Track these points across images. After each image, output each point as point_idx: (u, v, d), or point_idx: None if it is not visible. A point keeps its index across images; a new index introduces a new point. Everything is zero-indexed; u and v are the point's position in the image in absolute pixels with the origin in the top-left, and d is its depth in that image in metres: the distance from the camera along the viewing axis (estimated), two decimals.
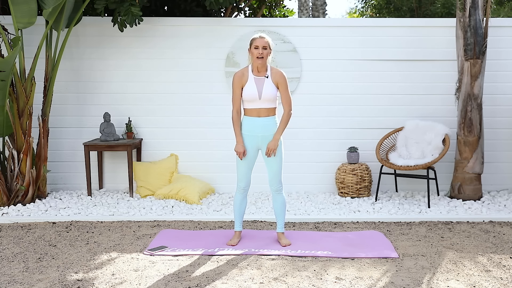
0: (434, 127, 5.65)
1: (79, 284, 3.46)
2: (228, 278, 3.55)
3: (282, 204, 4.24)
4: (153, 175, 5.86)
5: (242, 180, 4.20)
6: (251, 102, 4.10)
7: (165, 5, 7.34)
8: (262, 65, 4.07)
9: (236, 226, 4.32)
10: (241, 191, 4.23)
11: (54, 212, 5.19)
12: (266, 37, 4.07)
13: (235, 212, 4.30)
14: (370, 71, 6.04)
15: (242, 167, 4.18)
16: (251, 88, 4.06)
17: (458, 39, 5.59)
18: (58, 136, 6.08)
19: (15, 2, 5.23)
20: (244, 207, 4.30)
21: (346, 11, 20.20)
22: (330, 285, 3.44)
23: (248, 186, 4.24)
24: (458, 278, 3.55)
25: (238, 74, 4.12)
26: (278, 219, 4.28)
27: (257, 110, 4.10)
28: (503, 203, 5.46)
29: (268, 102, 4.10)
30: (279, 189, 4.20)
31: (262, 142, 4.15)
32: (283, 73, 4.15)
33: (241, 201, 4.27)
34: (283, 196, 4.24)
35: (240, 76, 4.11)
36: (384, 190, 6.07)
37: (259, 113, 4.11)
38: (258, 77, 4.10)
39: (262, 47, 4.02)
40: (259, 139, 4.14)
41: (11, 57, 4.99)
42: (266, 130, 4.12)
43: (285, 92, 4.14)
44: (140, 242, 4.36)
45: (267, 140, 4.13)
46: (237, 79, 4.11)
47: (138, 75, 6.08)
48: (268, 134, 4.13)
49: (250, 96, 4.07)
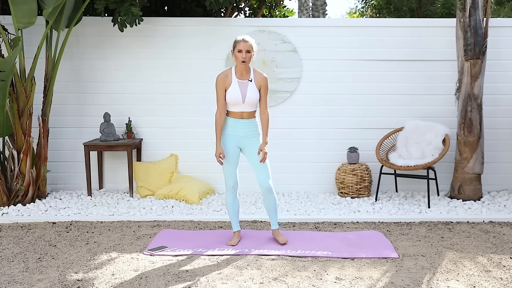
0: (434, 127, 5.65)
1: (79, 284, 3.46)
2: (228, 278, 3.55)
3: (274, 203, 4.30)
4: (153, 175, 5.86)
5: (229, 179, 4.22)
6: (234, 105, 4.12)
7: (165, 5, 7.34)
8: (246, 69, 4.09)
9: (234, 227, 4.33)
10: (230, 190, 4.25)
11: (54, 212, 5.19)
12: (249, 40, 4.05)
13: (229, 213, 4.32)
14: (370, 71, 6.04)
15: (228, 167, 4.20)
16: (234, 91, 4.08)
17: (458, 39, 5.59)
18: (58, 136, 6.08)
19: (15, 2, 5.24)
20: (238, 206, 4.32)
21: (346, 11, 20.21)
22: (330, 285, 3.44)
23: (236, 184, 4.25)
24: (458, 278, 3.55)
25: (221, 76, 4.13)
26: (272, 217, 4.33)
27: (240, 113, 4.14)
28: (503, 203, 5.46)
29: (251, 105, 4.13)
30: (270, 188, 4.22)
31: (244, 142, 4.19)
32: (266, 77, 4.18)
33: (233, 201, 4.28)
34: (274, 194, 4.28)
35: (223, 78, 4.11)
36: (384, 190, 6.07)
37: (242, 116, 4.14)
38: (241, 80, 4.11)
39: (246, 51, 4.03)
40: (241, 139, 4.18)
41: (11, 57, 4.99)
42: (248, 131, 4.17)
43: (265, 95, 4.17)
44: (140, 242, 4.36)
45: (249, 140, 4.17)
46: (220, 81, 4.11)
47: (138, 75, 6.08)
48: (250, 135, 4.17)
49: (233, 99, 4.09)
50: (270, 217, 4.34)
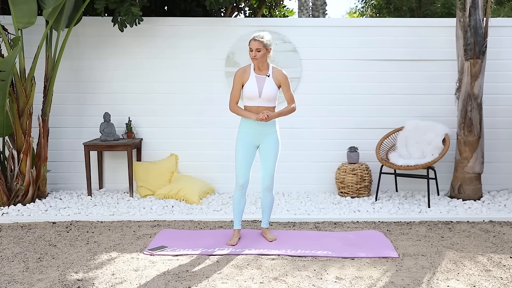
0: (434, 127, 5.65)
1: (79, 284, 3.46)
2: (228, 278, 3.55)
3: (271, 202, 4.33)
4: (153, 175, 5.86)
5: (240, 177, 4.21)
6: (251, 100, 4.13)
7: (165, 5, 7.34)
8: (258, 65, 4.11)
9: (235, 225, 4.34)
10: (239, 189, 4.25)
11: (54, 212, 5.19)
12: (260, 38, 4.03)
13: (234, 210, 4.32)
14: (370, 71, 6.04)
15: (241, 163, 4.20)
16: (252, 86, 4.10)
17: (458, 39, 5.59)
18: (58, 136, 6.08)
19: (15, 2, 5.24)
20: (243, 205, 4.32)
21: (346, 11, 20.20)
22: (330, 285, 3.44)
23: (246, 183, 4.24)
24: (458, 278, 3.55)
25: (240, 71, 4.18)
26: (264, 215, 4.37)
27: (256, 108, 4.14)
28: (503, 203, 5.46)
29: (268, 101, 4.14)
30: (270, 188, 4.24)
31: (260, 139, 4.19)
32: (285, 73, 4.19)
33: (239, 199, 4.28)
34: (273, 194, 4.32)
35: (241, 73, 4.16)
36: (384, 190, 6.07)
37: (258, 111, 4.13)
38: (259, 75, 4.13)
39: (256, 49, 4.03)
40: (257, 136, 4.18)
41: (11, 57, 4.99)
42: (264, 127, 4.16)
43: (288, 91, 4.21)
44: (140, 242, 4.36)
45: (266, 137, 4.18)
46: (238, 75, 4.16)
47: (138, 75, 6.08)
48: (266, 132, 4.17)
49: (250, 94, 4.10)
50: (263, 215, 4.38)
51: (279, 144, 4.24)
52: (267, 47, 4.07)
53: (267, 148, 4.19)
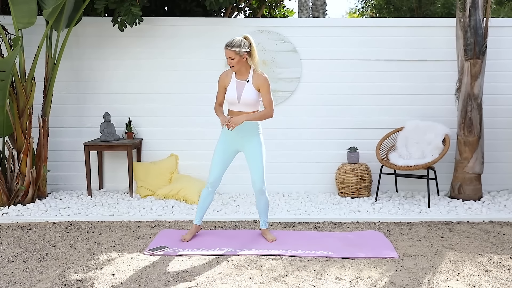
0: (434, 127, 5.65)
1: (79, 284, 3.46)
2: (228, 278, 3.55)
3: (266, 204, 4.33)
4: (153, 175, 5.86)
5: (212, 174, 4.25)
6: (232, 104, 4.17)
7: (165, 5, 7.34)
8: (236, 72, 4.12)
9: (195, 220, 4.39)
10: (208, 186, 4.28)
11: (54, 212, 5.19)
12: (231, 48, 4.00)
13: (198, 206, 4.37)
14: (370, 71, 6.04)
15: (216, 164, 4.24)
16: (231, 91, 4.13)
17: (458, 39, 5.59)
18: (58, 136, 6.08)
19: (15, 2, 5.23)
20: (209, 203, 4.35)
21: (346, 11, 20.21)
22: (330, 285, 3.44)
23: (216, 183, 4.27)
24: (458, 278, 3.55)
25: (223, 75, 4.22)
26: (262, 217, 4.38)
27: (237, 112, 4.16)
28: (503, 203, 5.46)
29: (248, 106, 4.14)
30: (262, 190, 4.22)
31: (242, 143, 4.20)
32: (266, 78, 4.15)
33: (206, 196, 4.32)
34: (266, 196, 4.30)
35: (224, 77, 4.21)
36: (384, 190, 6.07)
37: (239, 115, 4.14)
38: (239, 80, 4.14)
39: (229, 57, 4.04)
40: (239, 140, 4.19)
41: (11, 57, 4.99)
42: (245, 132, 4.17)
43: (266, 95, 4.14)
44: (140, 242, 4.36)
45: (248, 141, 4.18)
46: (221, 79, 4.22)
47: (138, 75, 6.08)
48: (248, 135, 4.18)
49: (230, 98, 4.14)
50: (260, 217, 4.39)
51: (262, 146, 4.22)
52: (240, 54, 4.03)
53: (252, 152, 4.18)
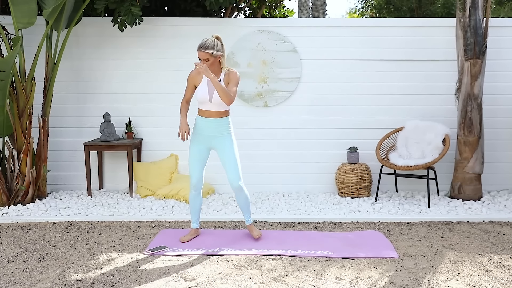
0: (434, 127, 5.65)
1: (79, 284, 3.46)
2: (228, 278, 3.55)
3: (246, 200, 4.30)
4: (153, 175, 5.86)
5: (193, 177, 4.25)
6: (203, 103, 4.15)
7: (165, 5, 7.34)
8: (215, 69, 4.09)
9: (192, 224, 4.39)
10: (192, 189, 4.28)
11: (54, 212, 5.19)
12: (206, 50, 3.97)
13: (190, 210, 4.37)
14: (370, 71, 6.04)
15: (194, 164, 4.23)
16: (203, 90, 4.11)
17: (458, 39, 5.59)
18: (58, 136, 6.08)
19: (15, 2, 5.23)
20: (199, 204, 4.35)
21: (346, 11, 20.20)
22: (330, 285, 3.44)
23: (199, 183, 4.27)
24: (458, 278, 3.55)
25: (193, 73, 4.19)
26: (245, 214, 4.36)
27: (208, 112, 4.16)
28: (503, 203, 5.46)
29: (219, 105, 4.13)
30: (240, 187, 4.21)
31: (213, 142, 4.20)
32: (236, 73, 4.15)
33: (194, 199, 4.32)
34: (245, 192, 4.27)
35: (195, 75, 4.17)
36: (384, 190, 6.07)
37: (210, 115, 4.16)
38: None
39: (204, 59, 4.01)
40: (210, 139, 4.19)
41: (11, 57, 4.99)
42: (217, 130, 4.17)
43: (233, 88, 4.08)
44: (140, 242, 4.36)
45: (219, 139, 4.18)
46: (191, 77, 4.19)
47: (138, 75, 6.08)
48: (218, 134, 4.17)
49: (201, 98, 4.12)
50: (243, 214, 4.37)
51: (234, 144, 4.22)
52: (215, 55, 4.02)
53: (225, 150, 4.18)
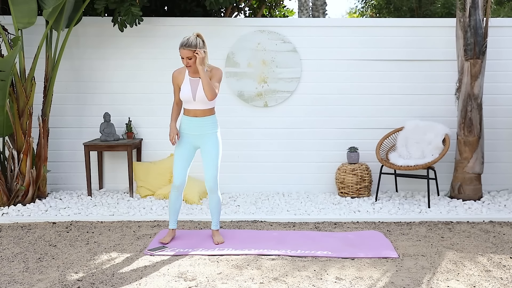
0: (434, 127, 5.65)
1: (79, 284, 3.46)
2: (228, 278, 3.55)
3: (217, 203, 4.27)
4: (153, 175, 5.86)
5: (176, 178, 4.20)
6: (187, 103, 4.13)
7: (165, 5, 7.34)
8: (193, 71, 4.07)
9: (170, 224, 4.34)
10: (174, 189, 4.23)
11: (54, 212, 5.19)
12: (189, 48, 3.93)
13: (169, 210, 4.32)
14: (370, 71, 6.04)
15: (177, 164, 4.19)
16: (186, 89, 4.08)
17: (458, 39, 5.59)
18: (58, 136, 6.08)
19: (15, 2, 5.24)
20: (179, 206, 4.30)
21: (346, 11, 20.20)
22: (330, 285, 3.44)
23: (182, 184, 4.22)
24: (458, 278, 3.55)
25: (175, 73, 4.17)
26: (213, 217, 4.31)
27: (193, 110, 4.13)
28: (503, 203, 5.46)
29: (204, 103, 4.10)
30: (214, 189, 4.19)
31: (199, 141, 4.17)
32: (219, 69, 4.15)
33: (175, 200, 4.26)
34: (218, 195, 4.25)
35: (177, 75, 4.16)
36: (384, 190, 6.07)
37: (195, 114, 4.13)
38: (193, 78, 4.09)
39: (187, 57, 3.98)
40: (196, 138, 4.17)
41: (11, 57, 4.99)
42: (202, 129, 4.15)
43: (215, 83, 4.08)
44: (140, 242, 4.36)
45: (205, 139, 4.15)
46: (174, 77, 4.17)
47: (138, 75, 6.08)
48: (205, 133, 4.15)
49: (185, 97, 4.09)
50: (212, 217, 4.32)
51: (219, 145, 4.19)
52: (199, 52, 3.97)
53: (207, 150, 4.16)
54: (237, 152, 6.10)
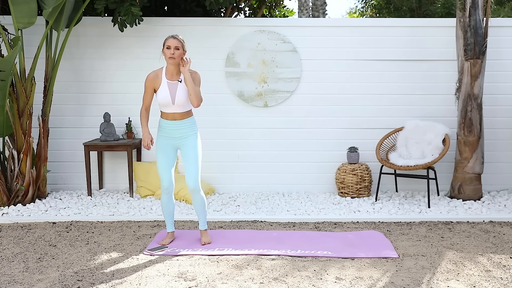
0: (434, 127, 5.65)
1: (79, 284, 3.46)
2: (228, 278, 3.55)
3: (202, 203, 4.23)
4: (153, 175, 5.86)
5: (163, 180, 4.18)
6: (165, 106, 4.10)
7: (165, 5, 7.34)
8: (174, 65, 4.03)
9: (168, 228, 4.32)
10: (164, 192, 4.21)
11: (54, 212, 5.19)
12: (179, 37, 4.01)
13: (164, 214, 4.29)
14: (370, 71, 6.04)
15: (162, 167, 4.17)
16: (164, 93, 4.04)
17: (458, 39, 5.59)
18: (58, 136, 6.08)
19: (15, 2, 5.24)
20: (172, 208, 4.28)
21: (346, 11, 20.20)
22: (330, 285, 3.44)
23: (171, 186, 4.20)
24: (458, 278, 3.55)
25: (151, 76, 4.10)
26: (200, 217, 4.28)
27: (172, 114, 4.11)
28: (503, 203, 5.46)
29: (182, 106, 4.09)
30: (196, 189, 4.15)
31: (179, 143, 4.15)
32: (197, 73, 4.15)
33: (167, 202, 4.24)
34: (201, 195, 4.21)
35: (153, 78, 4.09)
36: (384, 190, 6.07)
37: (174, 117, 4.11)
38: (171, 81, 4.07)
39: (174, 47, 3.97)
40: (176, 140, 4.15)
41: (11, 57, 4.99)
42: (182, 132, 4.13)
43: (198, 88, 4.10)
44: (140, 242, 4.36)
45: (184, 141, 4.13)
46: (149, 80, 4.09)
47: (138, 75, 6.07)
48: (184, 135, 4.13)
49: (163, 101, 4.06)
50: (198, 217, 4.29)
51: (198, 146, 4.17)
52: (184, 48, 4.02)
53: (187, 151, 4.14)
54: (237, 152, 6.10)
